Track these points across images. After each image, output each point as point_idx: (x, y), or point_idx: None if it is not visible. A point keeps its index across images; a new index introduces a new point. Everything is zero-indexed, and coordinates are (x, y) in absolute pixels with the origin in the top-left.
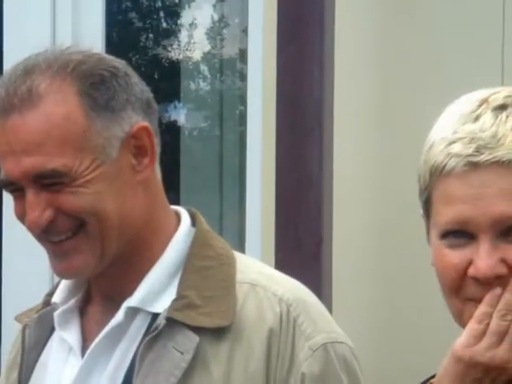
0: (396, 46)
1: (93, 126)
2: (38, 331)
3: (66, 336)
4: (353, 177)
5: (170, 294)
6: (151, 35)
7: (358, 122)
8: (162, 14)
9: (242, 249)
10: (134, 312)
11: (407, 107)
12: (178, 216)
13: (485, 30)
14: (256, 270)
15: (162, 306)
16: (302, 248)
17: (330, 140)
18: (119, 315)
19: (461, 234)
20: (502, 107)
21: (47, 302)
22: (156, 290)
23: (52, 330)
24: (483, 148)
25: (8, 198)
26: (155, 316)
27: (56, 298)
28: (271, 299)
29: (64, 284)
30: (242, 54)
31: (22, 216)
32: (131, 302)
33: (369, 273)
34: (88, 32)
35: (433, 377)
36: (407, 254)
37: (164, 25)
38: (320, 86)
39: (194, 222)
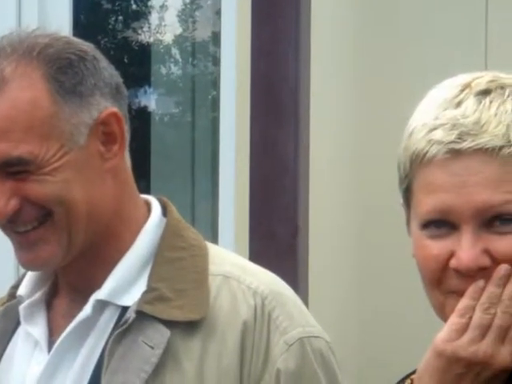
0: (375, 26)
1: (60, 111)
2: (3, 324)
3: (32, 330)
4: (330, 163)
5: (140, 287)
6: (120, 17)
7: (336, 107)
8: None
9: (214, 239)
10: (102, 305)
11: (387, 90)
12: (148, 205)
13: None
14: (230, 262)
15: (131, 298)
16: (277, 238)
17: (306, 126)
18: (87, 309)
19: (442, 223)
20: (486, 92)
21: (12, 294)
22: (125, 283)
23: (18, 323)
24: (466, 135)
25: None
26: (125, 309)
27: (21, 291)
28: (245, 292)
29: (30, 276)
30: (215, 37)
31: None
32: (100, 294)
33: (347, 264)
34: (55, 14)
35: (413, 372)
36: (387, 244)
37: (134, 7)
38: (296, 70)
39: (164, 212)
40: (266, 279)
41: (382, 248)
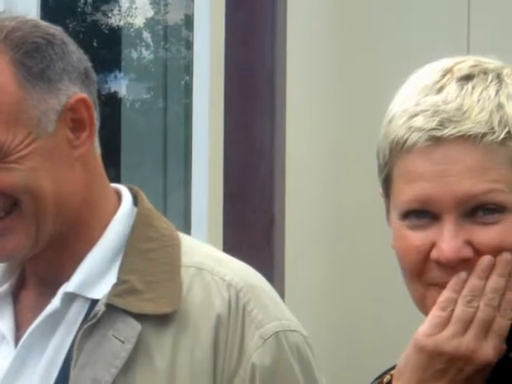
0: (354, 11)
1: (27, 97)
2: None
3: None
4: (307, 152)
5: (110, 279)
6: (90, 0)
7: (313, 92)
8: None
9: (187, 229)
10: (71, 298)
11: (366, 78)
12: (118, 195)
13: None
14: (203, 253)
15: (101, 291)
16: (253, 228)
17: (282, 112)
18: (55, 301)
19: (423, 214)
20: (468, 78)
21: None
22: (95, 275)
23: None
24: (447, 121)
25: None
26: (94, 302)
27: None
28: (219, 284)
29: None
30: (188, 20)
31: None
32: (68, 287)
33: (324, 255)
34: None
35: (393, 368)
36: (365, 235)
37: None
38: (271, 54)
39: (135, 201)
40: (240, 271)
41: (359, 238)
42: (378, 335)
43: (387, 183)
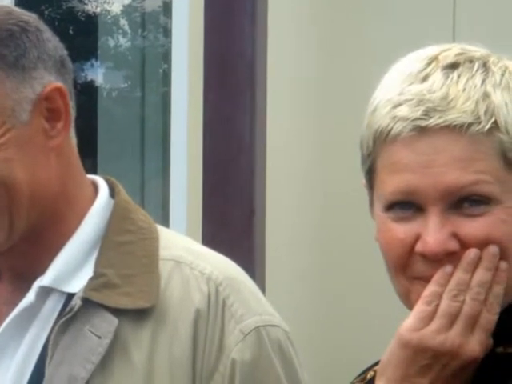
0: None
1: (1, 86)
2: None
3: None
4: (288, 142)
5: (87, 273)
6: None
7: (294, 82)
8: None
9: (165, 222)
10: (46, 292)
11: (348, 66)
12: (95, 186)
13: None
14: (181, 246)
15: (77, 285)
16: (232, 221)
17: (262, 102)
18: (30, 295)
19: (408, 205)
20: (453, 66)
21: None
22: (71, 268)
23: None
24: (432, 111)
25: None
26: (70, 296)
27: None
28: (198, 278)
29: None
30: (166, 7)
31: None
32: (43, 280)
33: (306, 248)
34: None
35: (377, 363)
36: (348, 227)
37: None
38: (252, 43)
39: (112, 193)
40: (220, 264)
41: (341, 230)
42: (362, 329)
43: (371, 174)
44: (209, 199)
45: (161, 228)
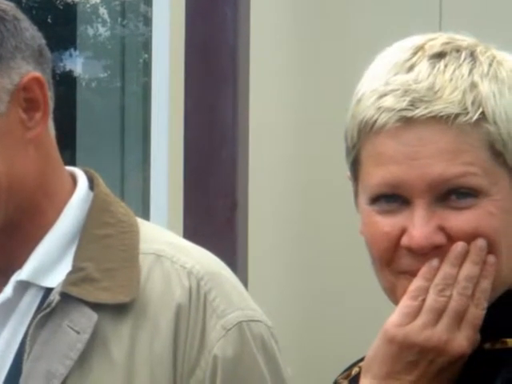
0: None
1: None
2: None
3: None
4: (271, 132)
5: (65, 267)
6: None
7: (277, 71)
8: None
9: (146, 214)
10: (24, 286)
11: (333, 55)
12: (73, 178)
13: None
14: (162, 240)
15: (55, 279)
16: (214, 213)
17: (245, 91)
18: (7, 290)
19: (393, 198)
20: (440, 55)
21: None
22: (49, 262)
23: None
24: (418, 101)
25: None
26: (48, 291)
27: None
28: (179, 272)
29: None
30: None
31: None
32: (21, 275)
33: (289, 242)
34: None
35: (362, 360)
36: (332, 220)
37: None
38: (234, 31)
39: (91, 185)
40: (201, 258)
41: (325, 223)
42: (347, 324)
43: (355, 166)
44: (190, 191)
45: (141, 221)
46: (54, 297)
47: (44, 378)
